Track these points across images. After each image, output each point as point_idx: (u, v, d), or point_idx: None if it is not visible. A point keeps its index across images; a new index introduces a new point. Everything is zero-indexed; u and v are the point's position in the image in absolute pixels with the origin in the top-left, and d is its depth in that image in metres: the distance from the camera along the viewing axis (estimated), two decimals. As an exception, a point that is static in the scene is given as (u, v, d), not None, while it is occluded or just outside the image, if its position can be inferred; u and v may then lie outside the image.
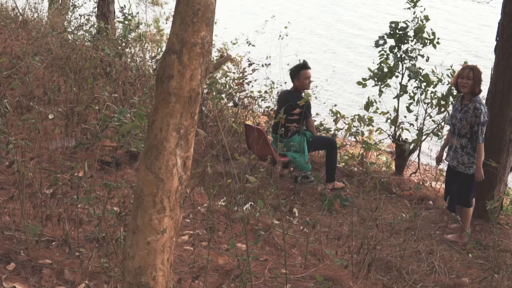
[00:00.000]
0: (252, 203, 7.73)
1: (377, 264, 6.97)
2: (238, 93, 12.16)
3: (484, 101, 8.82)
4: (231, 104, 12.31)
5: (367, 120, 11.56)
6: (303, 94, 10.32)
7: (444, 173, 9.96)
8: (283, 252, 6.17)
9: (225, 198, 7.64)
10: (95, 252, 5.44)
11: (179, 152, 3.66)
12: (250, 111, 12.79)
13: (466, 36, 27.47)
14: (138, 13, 16.43)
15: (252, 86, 13.18)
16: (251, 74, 12.59)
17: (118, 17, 14.92)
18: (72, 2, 17.47)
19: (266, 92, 13.16)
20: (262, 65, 13.53)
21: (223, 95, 11.96)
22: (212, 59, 3.95)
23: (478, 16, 29.51)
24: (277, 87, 13.61)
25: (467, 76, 8.40)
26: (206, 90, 11.34)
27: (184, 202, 7.13)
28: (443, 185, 11.02)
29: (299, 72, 10.16)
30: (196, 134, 3.87)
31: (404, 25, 11.01)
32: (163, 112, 3.64)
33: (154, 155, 3.66)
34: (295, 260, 6.48)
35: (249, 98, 12.49)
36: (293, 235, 7.22)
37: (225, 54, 12.48)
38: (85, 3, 17.62)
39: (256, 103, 12.86)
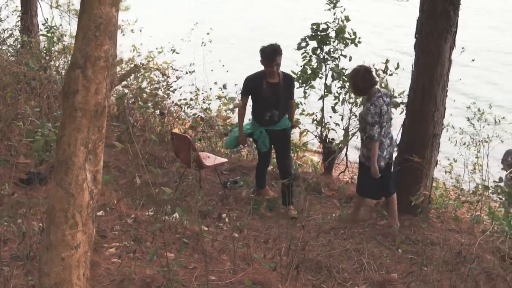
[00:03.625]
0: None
1: (307, 264, 7.00)
2: (164, 102, 12.09)
3: (404, 99, 8.96)
4: (158, 113, 12.24)
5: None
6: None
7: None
8: (211, 258, 6.20)
9: (153, 208, 7.62)
10: (20, 270, 5.40)
11: (88, 166, 3.66)
12: (177, 119, 12.73)
13: (384, 34, 27.95)
14: (61, 24, 16.23)
15: (181, 94, 13.12)
16: (175, 81, 12.54)
17: (42, 30, 14.74)
18: (-7, 17, 17.17)
19: (191, 99, 13.08)
20: (186, 72, 13.47)
21: (150, 104, 11.86)
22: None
23: (390, 15, 30.05)
24: (202, 93, 13.57)
25: None
26: (132, 100, 11.26)
27: (111, 214, 7.15)
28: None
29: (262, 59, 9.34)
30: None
31: (325, 27, 11.11)
32: (70, 127, 3.63)
33: (63, 170, 3.65)
34: (224, 266, 6.50)
35: (175, 106, 12.42)
36: (221, 241, 7.23)
37: (140, 64, 12.34)
38: (7, 17, 17.33)
39: (183, 110, 12.77)
